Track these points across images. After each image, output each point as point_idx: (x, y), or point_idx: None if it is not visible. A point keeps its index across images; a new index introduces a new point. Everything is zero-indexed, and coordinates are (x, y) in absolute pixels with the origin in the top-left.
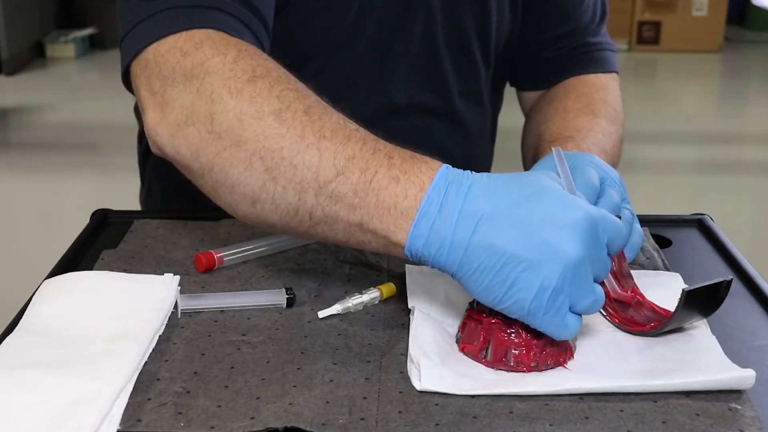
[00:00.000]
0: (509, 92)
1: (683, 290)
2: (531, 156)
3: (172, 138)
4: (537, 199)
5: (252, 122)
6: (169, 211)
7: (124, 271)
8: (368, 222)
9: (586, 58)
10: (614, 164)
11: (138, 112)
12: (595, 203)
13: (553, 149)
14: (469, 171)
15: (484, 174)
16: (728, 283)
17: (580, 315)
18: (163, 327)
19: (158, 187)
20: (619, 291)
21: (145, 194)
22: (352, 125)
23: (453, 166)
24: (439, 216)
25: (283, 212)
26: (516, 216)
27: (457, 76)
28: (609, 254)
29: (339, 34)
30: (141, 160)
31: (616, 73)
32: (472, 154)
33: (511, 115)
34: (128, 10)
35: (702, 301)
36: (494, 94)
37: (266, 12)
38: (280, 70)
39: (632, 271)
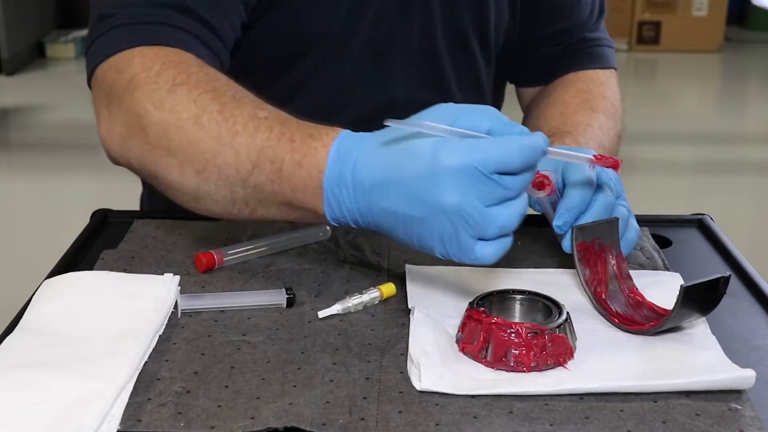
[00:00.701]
0: (509, 90)
1: (681, 286)
2: None
3: (121, 150)
4: (409, 159)
5: (176, 131)
6: (169, 211)
7: (124, 271)
8: (293, 201)
9: (585, 54)
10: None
11: None
12: (591, 200)
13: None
14: (359, 137)
15: (370, 140)
16: (726, 279)
17: (498, 239)
18: (163, 327)
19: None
20: (622, 310)
21: (146, 194)
22: (262, 113)
23: None
24: (340, 191)
25: (222, 205)
26: (394, 178)
27: (457, 73)
28: (519, 172)
29: (333, 28)
30: None
31: (615, 69)
32: None
33: (511, 114)
34: (90, 25)
35: (701, 297)
36: (496, 92)
37: (218, 23)
38: (200, 73)
39: (632, 271)
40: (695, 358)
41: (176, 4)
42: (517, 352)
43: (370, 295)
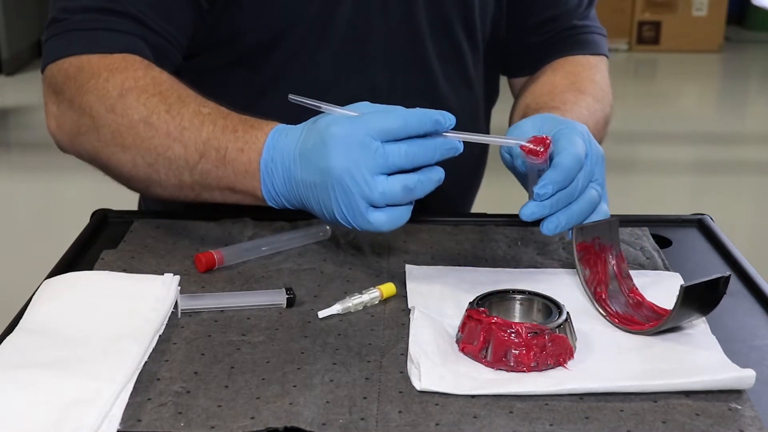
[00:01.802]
0: (504, 88)
1: (681, 286)
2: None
3: (71, 144)
4: (312, 132)
5: (128, 131)
6: (169, 211)
7: (124, 271)
8: (235, 185)
9: (574, 41)
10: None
11: None
12: (575, 178)
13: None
14: (294, 126)
15: (300, 127)
16: (726, 279)
17: (390, 208)
18: (163, 327)
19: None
20: (622, 310)
21: (141, 197)
22: (206, 109)
23: None
24: (272, 172)
25: (171, 191)
26: (303, 152)
27: (442, 60)
28: (403, 139)
29: (311, 11)
30: None
31: (606, 56)
32: None
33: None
34: (48, 22)
35: (701, 297)
36: (487, 82)
37: (165, 25)
38: (147, 77)
39: (632, 272)
40: (695, 358)
41: (122, 10)
42: (517, 352)
43: (370, 295)
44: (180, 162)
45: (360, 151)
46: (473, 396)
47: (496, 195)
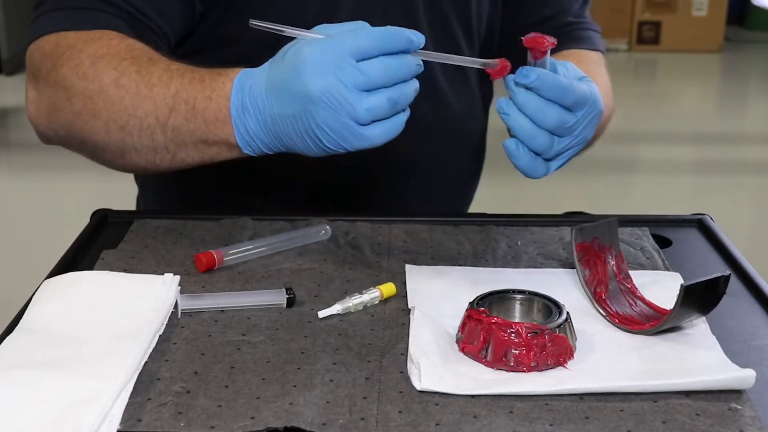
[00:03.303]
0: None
1: (682, 286)
2: None
3: (48, 123)
4: (282, 63)
5: (99, 96)
6: (169, 211)
7: (124, 271)
8: (207, 137)
9: (572, 36)
10: (597, 135)
11: None
12: (562, 96)
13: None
14: (259, 68)
15: (265, 66)
16: (726, 278)
17: (382, 121)
18: (163, 327)
19: (151, 192)
20: (622, 310)
21: (140, 194)
22: (175, 65)
23: (441, 148)
24: (244, 115)
25: (146, 155)
26: (275, 85)
27: None
28: (376, 56)
29: (311, 11)
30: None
31: (602, 52)
32: (459, 135)
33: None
34: (35, 5)
35: (701, 296)
36: (482, 82)
37: (152, 19)
38: (121, 45)
39: (632, 272)
40: (695, 358)
41: None
42: (517, 352)
43: (370, 295)
44: (150, 120)
45: (338, 71)
46: (473, 396)
47: (496, 195)
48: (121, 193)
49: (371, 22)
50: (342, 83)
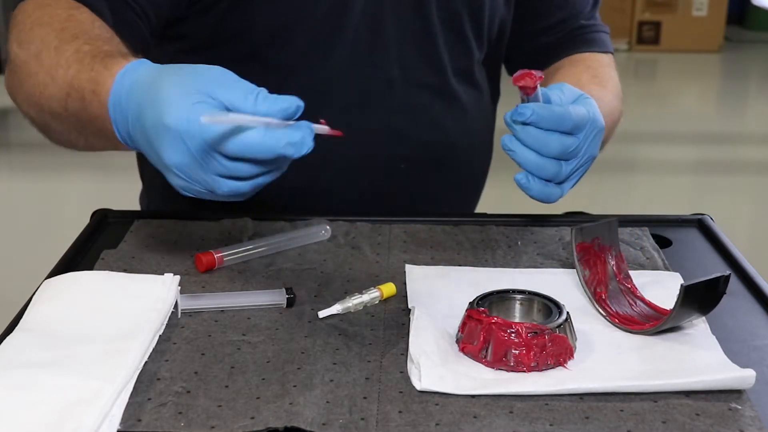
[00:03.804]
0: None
1: (682, 286)
2: None
3: (11, 94)
4: (152, 108)
5: (23, 66)
6: (169, 211)
7: (124, 271)
8: (100, 128)
9: (584, 39)
10: (608, 139)
11: None
12: (560, 124)
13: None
14: (140, 66)
15: (144, 70)
16: (726, 278)
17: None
18: (163, 327)
19: (156, 189)
20: (622, 310)
21: (144, 191)
22: (86, 47)
23: (451, 145)
24: (117, 116)
25: (63, 135)
26: (141, 123)
27: (451, 56)
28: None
29: (324, 3)
30: (139, 162)
31: (612, 54)
32: (470, 133)
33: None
34: None
35: (701, 296)
36: (490, 82)
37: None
38: (63, 14)
39: (632, 272)
40: (695, 358)
41: None
42: (517, 352)
43: (370, 295)
44: (53, 103)
45: (195, 155)
46: (473, 396)
47: (496, 195)
48: (121, 193)
49: (383, 17)
50: (203, 169)
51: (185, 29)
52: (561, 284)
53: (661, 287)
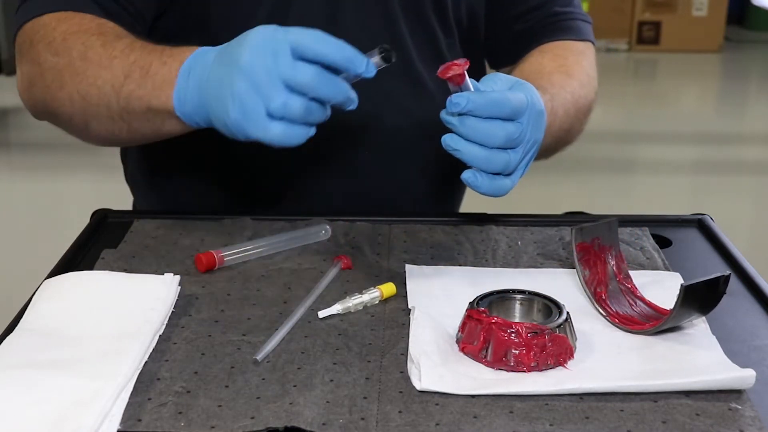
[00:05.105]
0: None
1: (682, 286)
2: None
3: (29, 98)
4: (237, 39)
5: (66, 68)
6: (169, 211)
7: (124, 271)
8: (154, 102)
9: (557, 27)
10: (576, 128)
11: None
12: (499, 112)
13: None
14: (220, 47)
15: (219, 49)
16: (726, 278)
17: (284, 121)
18: (163, 327)
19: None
20: (622, 310)
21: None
22: (139, 42)
23: (422, 132)
24: (186, 82)
25: (105, 124)
26: (220, 51)
27: (415, 41)
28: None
29: None
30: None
31: (592, 42)
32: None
33: None
34: None
35: (701, 296)
36: (470, 71)
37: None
38: (92, 23)
39: (632, 272)
40: (695, 358)
41: None
42: (517, 352)
43: (370, 295)
44: (107, 88)
45: (272, 55)
46: (473, 396)
47: None
48: (121, 193)
49: (346, 7)
50: (272, 68)
51: (158, 21)
52: (561, 284)
53: (661, 287)
